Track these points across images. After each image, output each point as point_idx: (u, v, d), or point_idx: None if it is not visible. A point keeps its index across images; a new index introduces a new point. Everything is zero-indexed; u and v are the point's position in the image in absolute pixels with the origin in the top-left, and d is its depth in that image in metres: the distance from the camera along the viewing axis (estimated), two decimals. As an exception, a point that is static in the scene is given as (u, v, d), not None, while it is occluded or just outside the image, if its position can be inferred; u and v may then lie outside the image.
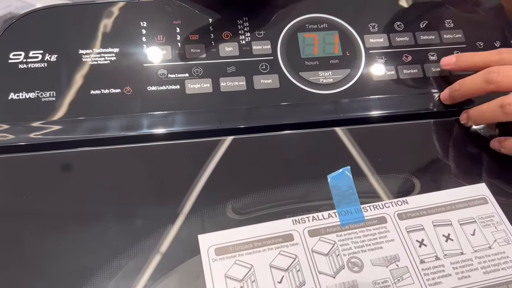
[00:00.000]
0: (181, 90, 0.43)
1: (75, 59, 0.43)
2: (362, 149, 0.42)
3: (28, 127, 0.40)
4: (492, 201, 0.39)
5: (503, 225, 0.38)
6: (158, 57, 0.44)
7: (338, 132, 0.43)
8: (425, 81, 0.46)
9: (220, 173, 0.40)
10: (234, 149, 0.41)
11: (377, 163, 0.41)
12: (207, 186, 0.39)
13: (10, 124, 0.40)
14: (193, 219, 0.37)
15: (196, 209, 0.37)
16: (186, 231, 0.36)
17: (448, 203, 0.39)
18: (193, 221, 0.37)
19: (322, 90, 0.45)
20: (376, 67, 0.46)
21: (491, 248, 0.36)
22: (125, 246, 0.35)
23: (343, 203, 0.38)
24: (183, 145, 0.41)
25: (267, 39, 0.46)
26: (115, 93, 0.42)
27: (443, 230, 0.37)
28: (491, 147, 0.42)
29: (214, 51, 0.45)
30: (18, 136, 0.40)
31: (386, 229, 0.37)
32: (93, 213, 0.37)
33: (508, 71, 0.40)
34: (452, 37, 0.48)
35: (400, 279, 0.34)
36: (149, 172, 0.40)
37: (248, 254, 0.35)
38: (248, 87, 0.44)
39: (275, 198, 0.39)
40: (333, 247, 0.36)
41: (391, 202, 0.38)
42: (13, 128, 0.40)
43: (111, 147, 0.40)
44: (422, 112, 0.45)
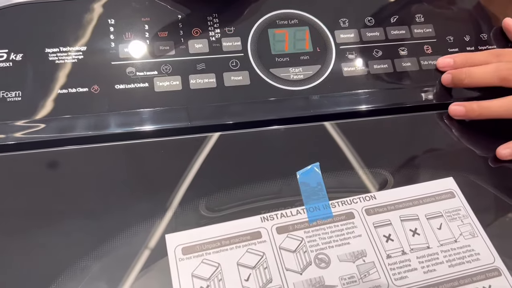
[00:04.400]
0: (149, 88, 0.43)
1: (41, 58, 0.42)
2: (331, 145, 0.42)
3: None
4: (459, 195, 0.39)
5: (469, 219, 0.38)
6: (126, 55, 0.43)
7: (308, 128, 0.43)
8: (395, 76, 0.46)
9: (189, 171, 0.40)
10: (204, 147, 0.41)
11: (346, 159, 0.41)
12: (176, 185, 0.39)
13: (-26, 125, 0.40)
14: (162, 218, 0.37)
15: (164, 208, 0.37)
16: (154, 230, 0.36)
17: (415, 198, 0.39)
18: (162, 220, 0.37)
19: (292, 86, 0.45)
20: (347, 63, 0.46)
21: (456, 242, 0.37)
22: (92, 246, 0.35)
23: (312, 199, 0.38)
24: (152, 144, 0.41)
25: (237, 35, 0.46)
26: (83, 92, 0.42)
27: (410, 225, 0.37)
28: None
29: (183, 48, 0.44)
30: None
31: (354, 225, 0.37)
32: (59, 212, 0.37)
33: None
34: (422, 32, 0.48)
35: (367, 274, 0.35)
36: (117, 171, 0.40)
37: (215, 252, 0.35)
38: (218, 84, 0.44)
39: (244, 196, 0.39)
40: (301, 243, 0.36)
41: (359, 197, 0.39)
42: (-24, 129, 0.39)
43: (78, 147, 0.40)
44: (392, 107, 0.45)
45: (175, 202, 0.38)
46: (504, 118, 0.43)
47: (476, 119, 0.44)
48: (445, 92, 0.46)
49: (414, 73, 0.47)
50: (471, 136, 0.44)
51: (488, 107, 0.43)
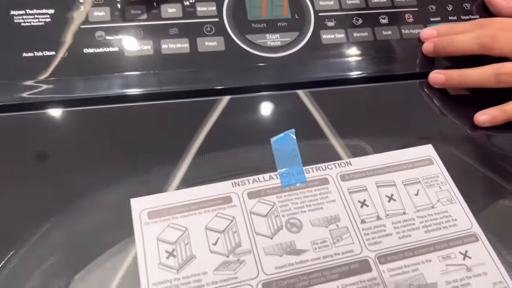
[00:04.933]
0: (120, 53, 0.41)
1: (6, 20, 0.40)
2: (308, 113, 0.41)
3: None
4: (438, 162, 0.38)
5: (447, 185, 0.37)
6: (96, 18, 0.42)
7: (285, 95, 0.42)
8: (375, 45, 0.45)
9: (159, 137, 0.38)
10: (175, 112, 0.40)
11: (323, 127, 0.40)
12: (145, 150, 0.37)
13: None
14: (128, 183, 0.35)
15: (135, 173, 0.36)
16: (120, 195, 0.35)
17: (393, 164, 0.38)
18: (128, 185, 0.35)
19: (269, 53, 0.43)
20: (326, 30, 0.45)
21: (434, 208, 0.36)
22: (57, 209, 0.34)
23: (285, 165, 0.37)
24: (121, 109, 0.39)
25: (212, 0, 0.44)
26: (50, 55, 0.40)
27: (386, 191, 0.36)
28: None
29: (156, 13, 0.43)
30: None
31: (328, 190, 0.36)
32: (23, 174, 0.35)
33: (500, 36, 0.41)
34: (404, 0, 0.47)
35: (340, 239, 0.33)
36: (86, 136, 0.38)
37: (183, 217, 0.33)
38: (192, 50, 0.42)
39: (218, 162, 0.37)
40: (272, 208, 0.34)
41: (334, 163, 0.37)
42: None
43: (43, 111, 0.38)
44: (371, 76, 0.44)
45: (144, 167, 0.36)
46: (483, 87, 0.42)
47: (456, 88, 0.43)
48: (425, 61, 0.45)
49: (395, 42, 0.45)
50: (451, 104, 0.43)
51: (467, 75, 0.42)
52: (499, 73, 0.40)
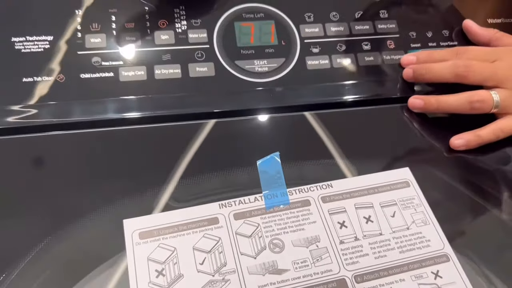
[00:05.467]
0: (114, 78, 0.43)
1: (7, 47, 0.43)
2: (292, 136, 0.43)
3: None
4: (414, 185, 0.41)
5: (422, 207, 0.39)
6: (92, 45, 0.44)
7: (270, 119, 0.44)
8: (358, 70, 0.47)
9: (151, 160, 0.40)
10: (167, 136, 0.42)
11: (306, 149, 0.42)
12: (137, 172, 0.39)
13: None
14: (121, 204, 0.37)
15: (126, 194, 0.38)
16: (113, 215, 0.37)
17: (371, 187, 0.40)
18: (123, 206, 0.37)
19: (257, 78, 0.46)
20: (311, 56, 0.47)
21: (408, 229, 0.38)
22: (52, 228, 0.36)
23: (270, 187, 0.39)
24: (116, 132, 0.42)
25: (203, 27, 0.46)
26: (48, 80, 0.42)
27: (364, 212, 0.39)
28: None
29: (150, 39, 0.45)
30: None
31: (309, 212, 0.38)
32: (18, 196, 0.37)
33: (474, 66, 0.44)
34: (386, 27, 0.50)
35: (319, 259, 0.36)
36: (81, 158, 0.40)
37: (172, 237, 0.36)
38: (183, 75, 0.44)
39: (206, 184, 0.40)
40: (256, 229, 0.37)
41: (316, 186, 0.40)
42: None
43: (41, 134, 0.41)
44: (354, 100, 0.46)
45: (136, 188, 0.38)
46: (459, 112, 0.44)
47: (433, 113, 0.45)
48: (406, 86, 0.47)
49: (377, 67, 0.48)
50: (428, 128, 0.45)
51: (444, 101, 0.44)
52: (473, 101, 0.43)
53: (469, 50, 0.46)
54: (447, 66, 0.44)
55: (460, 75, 0.43)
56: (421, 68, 0.45)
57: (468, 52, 0.45)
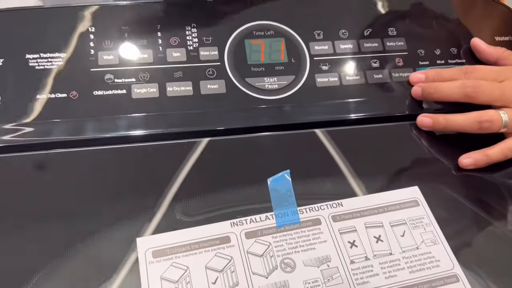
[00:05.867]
0: (127, 95, 0.44)
1: (21, 64, 0.43)
2: (302, 153, 0.44)
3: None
4: (423, 204, 0.41)
5: (431, 227, 0.40)
6: (105, 61, 0.45)
7: (280, 137, 0.45)
8: (366, 88, 0.48)
9: (163, 177, 0.41)
10: (179, 153, 0.42)
11: (316, 167, 0.43)
12: (149, 190, 0.40)
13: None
14: (135, 222, 0.38)
15: (137, 212, 0.38)
16: (127, 233, 0.37)
17: (381, 206, 0.41)
18: (135, 224, 0.38)
19: (267, 95, 0.46)
20: (320, 74, 0.48)
21: (418, 249, 0.38)
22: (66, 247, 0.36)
23: (281, 205, 0.40)
24: (128, 150, 0.42)
25: (214, 45, 0.47)
26: (61, 97, 0.43)
27: (374, 232, 0.39)
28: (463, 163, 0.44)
29: (162, 56, 0.46)
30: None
31: (320, 231, 0.38)
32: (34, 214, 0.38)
33: (483, 86, 0.44)
34: (394, 45, 0.50)
35: (330, 279, 0.36)
36: (93, 176, 0.41)
37: (185, 256, 0.36)
38: (195, 92, 0.45)
39: (216, 202, 0.40)
40: (268, 248, 0.37)
41: (326, 204, 0.40)
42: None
43: (55, 151, 0.41)
44: (363, 118, 0.47)
45: (149, 206, 0.39)
46: (468, 132, 0.44)
47: (442, 131, 0.45)
48: (414, 104, 0.48)
49: (386, 85, 0.48)
50: (437, 146, 0.45)
51: (453, 120, 0.44)
52: (481, 121, 0.43)
53: (477, 69, 0.46)
54: (455, 86, 0.45)
55: (469, 95, 0.44)
56: (430, 87, 0.46)
57: (476, 72, 0.46)
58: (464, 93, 0.44)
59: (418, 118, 0.46)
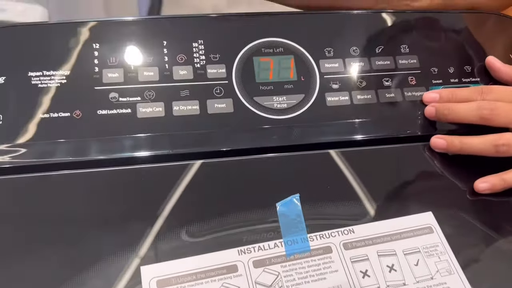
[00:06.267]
0: (132, 114, 0.42)
1: (23, 82, 0.42)
2: (312, 175, 0.42)
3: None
4: (438, 230, 0.40)
5: (446, 255, 0.38)
6: (110, 79, 0.43)
7: (289, 158, 0.43)
8: (379, 107, 0.46)
9: (169, 200, 0.39)
10: (185, 175, 0.41)
11: (325, 190, 0.41)
12: (155, 214, 0.38)
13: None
14: (139, 248, 0.37)
15: (142, 238, 0.37)
16: (131, 261, 0.36)
17: (394, 233, 0.39)
18: (139, 251, 0.37)
19: (276, 115, 0.45)
20: (331, 92, 0.46)
21: (433, 279, 0.37)
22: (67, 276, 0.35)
23: (290, 231, 0.38)
24: (132, 171, 0.41)
25: (222, 62, 0.46)
26: (64, 117, 0.42)
27: (387, 261, 0.37)
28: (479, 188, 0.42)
29: (168, 74, 0.44)
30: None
31: (331, 260, 0.37)
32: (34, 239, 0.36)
33: (500, 109, 0.43)
34: (407, 63, 0.49)
35: (342, 311, 0.35)
36: (96, 199, 0.40)
37: (190, 286, 0.35)
38: (202, 112, 0.44)
39: (223, 227, 0.39)
40: (277, 278, 0.36)
41: (337, 231, 0.39)
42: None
43: (58, 172, 0.40)
44: (375, 138, 0.45)
45: (153, 232, 0.37)
46: (483, 155, 0.43)
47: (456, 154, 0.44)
48: (428, 124, 0.46)
49: (398, 104, 0.47)
50: (451, 169, 0.44)
51: (469, 143, 0.43)
52: (498, 144, 0.42)
53: (494, 90, 0.45)
54: (472, 108, 0.43)
55: (485, 118, 0.42)
56: (444, 108, 0.44)
57: (493, 93, 0.44)
58: (480, 115, 0.42)
59: (431, 139, 0.44)
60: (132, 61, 0.44)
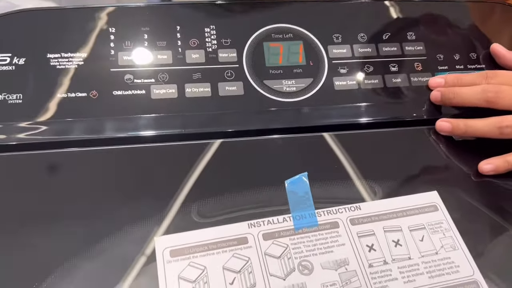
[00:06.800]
0: (146, 95, 0.44)
1: (43, 63, 0.44)
2: (320, 156, 0.44)
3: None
4: (442, 208, 0.41)
5: (451, 232, 0.39)
6: (125, 62, 0.45)
7: (299, 139, 0.44)
8: (385, 91, 0.48)
9: (181, 177, 0.41)
10: (196, 154, 0.42)
11: (333, 170, 0.42)
12: (167, 189, 0.40)
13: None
14: (152, 221, 0.38)
15: (155, 212, 0.38)
16: (145, 233, 0.37)
17: (400, 210, 0.40)
18: (152, 223, 0.38)
19: (285, 98, 0.46)
20: (338, 77, 0.47)
21: (437, 254, 0.38)
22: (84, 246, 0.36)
23: (298, 207, 0.39)
24: (146, 149, 0.42)
25: (233, 47, 0.47)
26: (82, 97, 0.43)
27: (393, 236, 0.39)
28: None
29: (181, 58, 0.46)
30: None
31: (338, 234, 0.38)
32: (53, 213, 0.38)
33: (505, 92, 0.44)
34: (413, 49, 0.50)
35: (348, 282, 0.36)
36: (112, 175, 0.41)
37: (202, 256, 0.36)
38: (213, 94, 0.45)
39: (233, 203, 0.40)
40: (285, 250, 0.37)
41: (344, 207, 0.40)
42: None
43: (75, 149, 0.41)
44: (381, 121, 0.46)
45: (167, 206, 0.39)
46: (488, 137, 0.44)
47: (460, 136, 0.45)
48: (433, 109, 0.47)
49: (404, 89, 0.48)
50: (456, 151, 0.45)
51: (473, 126, 0.44)
52: (502, 126, 0.43)
53: (498, 74, 0.46)
54: (476, 92, 0.44)
55: (490, 101, 0.43)
56: (450, 92, 0.45)
57: (498, 77, 0.45)
58: (485, 98, 0.43)
59: (437, 123, 0.46)
60: (146, 44, 0.46)
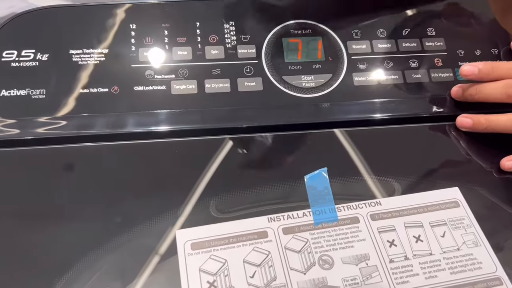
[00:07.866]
0: (167, 91, 0.44)
1: (65, 59, 0.44)
2: (339, 151, 0.43)
3: (17, 124, 0.42)
4: (464, 205, 0.40)
5: (472, 228, 0.39)
6: (145, 58, 0.45)
7: (318, 134, 0.44)
8: (405, 87, 0.47)
9: (202, 172, 0.41)
10: (216, 148, 0.43)
11: (354, 166, 0.42)
12: (188, 184, 0.40)
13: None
14: (174, 215, 0.38)
15: (176, 206, 0.39)
16: (166, 226, 0.38)
17: (420, 206, 0.40)
18: (174, 217, 0.38)
19: (304, 93, 0.46)
20: (358, 73, 0.47)
21: (459, 250, 0.38)
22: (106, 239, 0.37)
23: (318, 202, 0.39)
24: (167, 144, 0.43)
25: (252, 43, 0.47)
26: (103, 92, 0.44)
27: (414, 231, 0.38)
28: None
29: (200, 54, 0.46)
30: (4, 131, 0.41)
31: (358, 229, 0.38)
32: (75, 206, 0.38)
33: None
34: (433, 45, 0.50)
35: (369, 277, 0.36)
36: (134, 169, 0.41)
37: (223, 249, 0.36)
38: (232, 89, 0.45)
39: (253, 198, 0.40)
40: (306, 244, 0.37)
41: (365, 203, 0.40)
42: (2, 123, 0.42)
43: (97, 144, 0.42)
44: (401, 117, 0.46)
45: (187, 200, 0.39)
46: (510, 133, 0.43)
47: (482, 132, 0.44)
48: (453, 104, 0.47)
49: (424, 84, 0.48)
50: (477, 147, 0.44)
51: (495, 121, 0.43)
52: None
53: None
54: (498, 87, 0.43)
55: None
56: (471, 88, 0.45)
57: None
58: (508, 93, 0.43)
59: (457, 118, 0.45)
60: (166, 41, 0.46)
